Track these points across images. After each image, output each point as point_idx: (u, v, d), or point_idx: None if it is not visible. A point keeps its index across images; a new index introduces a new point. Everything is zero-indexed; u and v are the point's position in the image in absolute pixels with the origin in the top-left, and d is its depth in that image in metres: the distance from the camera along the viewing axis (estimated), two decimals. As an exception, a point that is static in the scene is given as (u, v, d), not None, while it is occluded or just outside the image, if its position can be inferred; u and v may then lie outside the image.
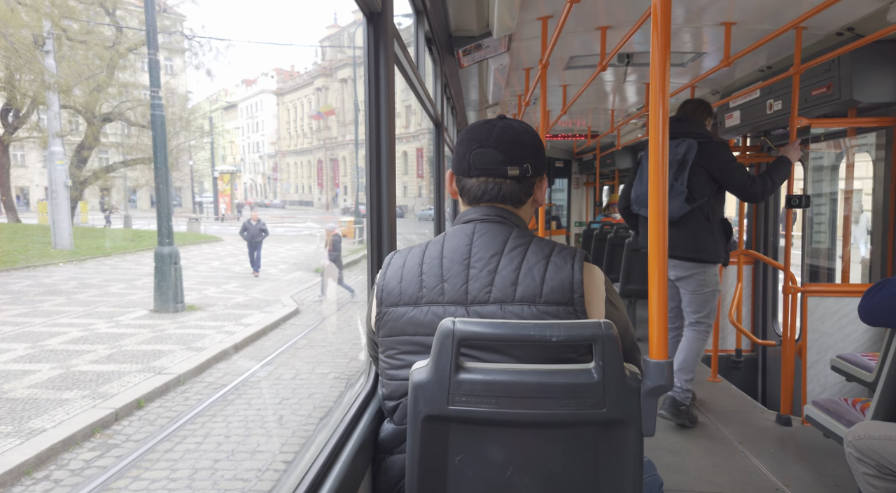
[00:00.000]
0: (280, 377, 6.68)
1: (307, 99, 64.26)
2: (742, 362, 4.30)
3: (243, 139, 78.59)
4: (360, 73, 53.73)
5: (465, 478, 1.02)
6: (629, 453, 0.98)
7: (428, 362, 0.98)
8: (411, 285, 1.11)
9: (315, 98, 61.86)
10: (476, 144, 1.16)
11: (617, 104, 5.77)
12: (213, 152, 40.09)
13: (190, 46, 47.01)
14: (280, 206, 57.84)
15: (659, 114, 0.93)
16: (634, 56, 3.70)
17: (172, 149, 39.15)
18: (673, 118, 2.99)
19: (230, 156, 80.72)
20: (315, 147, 62.15)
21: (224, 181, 40.59)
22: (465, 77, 4.37)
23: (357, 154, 52.27)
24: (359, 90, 54.67)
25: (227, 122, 79.63)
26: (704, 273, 2.92)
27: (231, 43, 52.42)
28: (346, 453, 1.09)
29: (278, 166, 71.74)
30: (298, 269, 15.25)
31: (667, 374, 0.95)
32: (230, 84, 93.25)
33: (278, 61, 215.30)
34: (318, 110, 58.04)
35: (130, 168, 31.95)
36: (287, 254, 18.66)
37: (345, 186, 57.75)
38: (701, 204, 2.85)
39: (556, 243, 1.10)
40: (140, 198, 45.97)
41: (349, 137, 55.53)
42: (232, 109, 79.19)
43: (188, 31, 42.52)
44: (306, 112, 63.27)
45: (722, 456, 2.70)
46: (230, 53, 44.13)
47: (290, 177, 69.51)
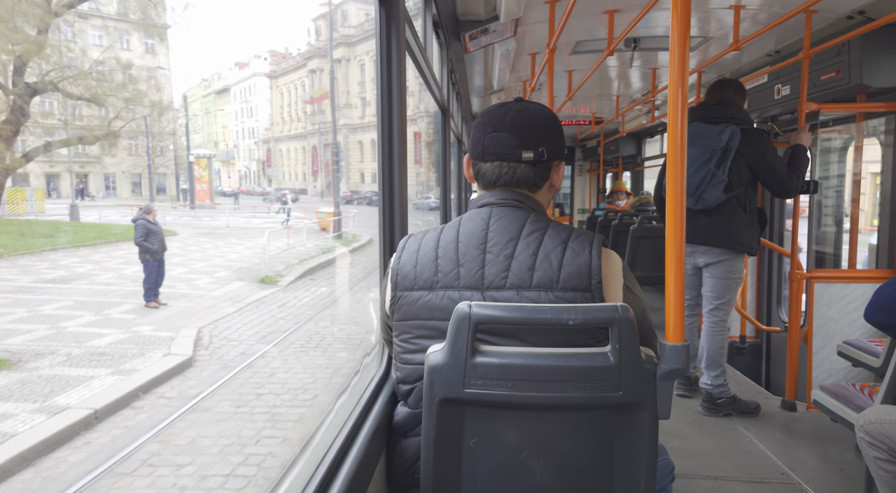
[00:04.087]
0: None
1: (301, 82, 62.47)
2: (746, 349, 4.31)
3: (237, 124, 76.42)
4: (353, 53, 52.02)
5: (480, 461, 1.03)
6: (644, 436, 0.99)
7: (444, 345, 0.99)
8: (426, 270, 1.11)
9: (309, 81, 60.11)
10: (490, 128, 1.15)
11: (622, 90, 5.73)
12: (187, 135, 38.04)
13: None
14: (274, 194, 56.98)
15: (678, 98, 0.92)
16: (641, 40, 3.66)
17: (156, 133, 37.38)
18: (713, 102, 2.90)
19: (223, 142, 78.81)
20: (309, 132, 60.60)
21: (201, 167, 38.24)
22: (470, 62, 4.34)
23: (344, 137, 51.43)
24: (353, 73, 53.16)
25: (221, 106, 77.81)
26: (734, 260, 2.88)
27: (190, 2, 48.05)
28: (362, 436, 1.10)
29: (272, 152, 69.92)
30: (240, 278, 11.71)
31: (683, 357, 0.96)
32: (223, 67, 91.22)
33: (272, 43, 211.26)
34: (311, 95, 55.97)
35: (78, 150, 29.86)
36: (239, 255, 14.86)
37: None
38: (738, 193, 2.79)
39: (574, 228, 1.10)
40: (119, 185, 43.44)
41: (344, 121, 54.23)
42: (225, 94, 77.10)
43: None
44: (300, 96, 61.40)
45: (727, 441, 2.72)
46: (189, 15, 41.02)
47: (285, 164, 67.73)
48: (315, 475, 0.95)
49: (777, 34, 3.38)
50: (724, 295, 2.93)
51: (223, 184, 73.41)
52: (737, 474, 2.42)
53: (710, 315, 2.98)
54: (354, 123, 55.31)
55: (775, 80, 3.53)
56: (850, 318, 3.11)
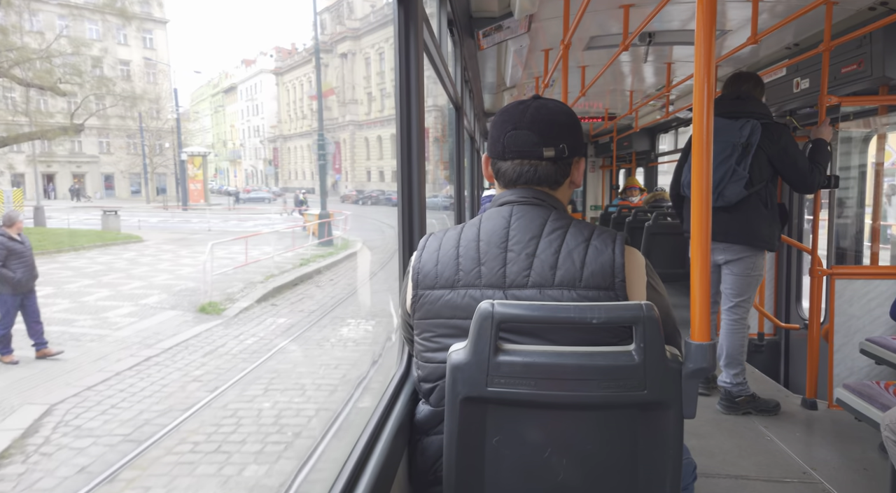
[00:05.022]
0: None
1: (307, 77, 60.66)
2: (765, 346, 4.26)
3: (243, 123, 75.42)
4: (359, 47, 50.97)
5: (502, 459, 1.02)
6: (669, 435, 0.98)
7: (466, 343, 0.98)
8: (448, 268, 1.11)
9: (315, 76, 59.23)
10: (510, 126, 1.14)
11: (635, 85, 5.68)
12: (178, 131, 35.70)
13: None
14: (279, 193, 54.79)
15: (703, 93, 0.91)
16: (656, 35, 3.63)
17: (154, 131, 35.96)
18: (731, 96, 2.86)
19: (231, 141, 78.17)
20: (315, 129, 59.76)
21: (195, 165, 36.05)
22: (483, 59, 4.32)
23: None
24: (359, 67, 51.96)
25: (228, 105, 77.14)
26: (755, 257, 2.84)
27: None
28: (385, 435, 1.11)
29: (279, 151, 68.57)
30: (175, 305, 9.29)
31: (709, 356, 0.95)
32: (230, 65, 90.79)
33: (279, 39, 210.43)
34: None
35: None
36: (196, 269, 11.44)
37: (345, 171, 55.12)
38: (758, 189, 2.75)
39: (596, 226, 1.09)
40: (118, 185, 42.24)
41: (349, 117, 53.22)
42: (232, 92, 76.46)
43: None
44: (306, 92, 59.91)
45: (747, 439, 2.69)
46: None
47: (291, 162, 66.51)
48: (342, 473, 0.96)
49: (796, 27, 3.32)
50: (744, 292, 2.89)
51: (231, 183, 73.52)
52: (757, 473, 2.39)
53: (730, 313, 2.94)
54: (360, 119, 53.85)
55: (794, 73, 3.47)
56: (873, 315, 3.06)
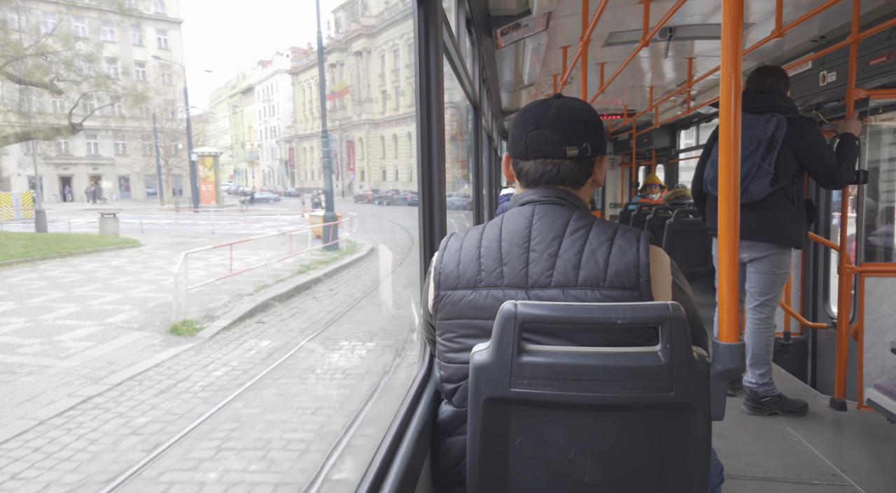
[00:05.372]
0: None
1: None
2: (791, 346, 4.17)
3: (261, 123, 75.51)
4: (374, 44, 50.24)
5: (526, 459, 1.02)
6: (697, 437, 0.97)
7: (489, 344, 0.98)
8: (469, 269, 1.10)
9: (330, 75, 57.67)
10: (532, 125, 1.14)
11: (655, 81, 5.60)
12: (189, 131, 35.05)
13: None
14: (295, 194, 54.32)
15: (731, 88, 0.89)
16: (677, 30, 3.58)
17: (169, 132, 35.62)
18: (755, 91, 2.80)
19: (249, 142, 78.45)
20: (330, 129, 58.39)
21: (206, 166, 35.02)
22: (500, 58, 4.31)
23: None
24: (374, 65, 51.08)
25: (245, 106, 77.45)
26: (781, 255, 2.78)
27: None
28: (409, 435, 1.11)
29: (295, 151, 68.19)
30: (145, 325, 8.08)
31: (738, 357, 0.93)
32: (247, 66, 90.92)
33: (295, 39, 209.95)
34: (332, 89, 53.88)
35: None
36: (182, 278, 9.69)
37: (361, 171, 54.36)
38: (784, 185, 2.69)
39: (620, 225, 1.08)
40: (133, 186, 42.63)
41: (365, 116, 52.56)
42: (249, 93, 76.83)
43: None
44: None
45: (773, 441, 2.64)
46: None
47: (307, 162, 66.09)
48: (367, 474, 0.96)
49: (822, 18, 3.25)
50: (770, 291, 2.84)
51: (248, 184, 74.10)
52: (785, 475, 2.35)
53: (756, 312, 2.89)
54: (376, 117, 53.11)
55: (820, 66, 3.39)
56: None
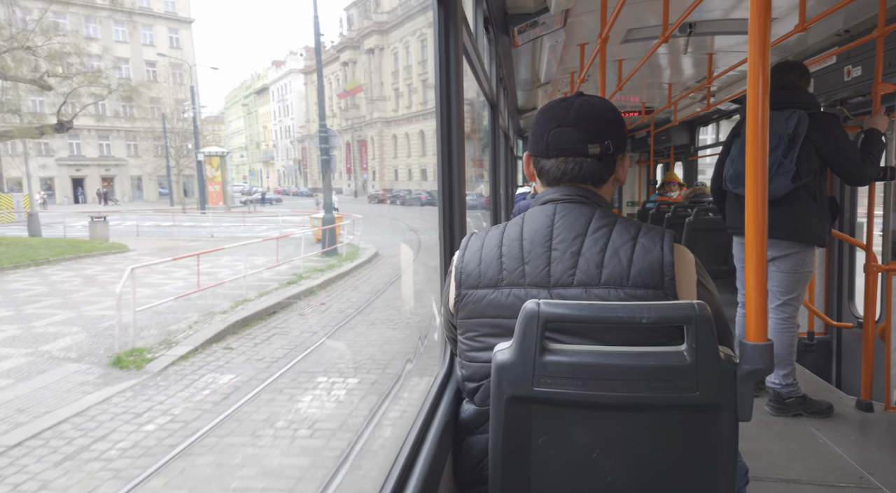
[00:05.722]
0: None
1: (334, 75, 59.74)
2: (815, 346, 4.10)
3: (275, 123, 75.25)
4: (386, 41, 49.71)
5: (549, 459, 1.02)
6: (723, 438, 0.96)
7: (511, 343, 0.98)
8: (491, 268, 1.11)
9: (342, 74, 57.45)
10: (554, 124, 1.13)
11: (674, 78, 5.54)
12: (196, 130, 34.04)
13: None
14: (308, 194, 53.27)
15: (759, 84, 0.88)
16: (697, 25, 3.53)
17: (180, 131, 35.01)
18: (776, 87, 2.74)
19: (264, 142, 78.30)
20: (343, 129, 57.52)
21: (213, 166, 33.92)
22: (517, 56, 4.30)
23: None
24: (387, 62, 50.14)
25: (260, 106, 77.38)
26: (804, 253, 2.73)
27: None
28: (431, 434, 1.11)
29: (308, 151, 66.99)
30: (85, 355, 6.70)
31: (766, 357, 0.92)
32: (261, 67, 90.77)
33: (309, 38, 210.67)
34: (344, 88, 53.69)
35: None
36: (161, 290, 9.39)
37: (373, 171, 53.29)
38: (806, 182, 2.64)
39: (643, 224, 1.07)
40: (146, 188, 42.42)
41: (377, 114, 51.80)
42: (264, 93, 76.81)
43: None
44: (334, 90, 58.47)
45: (798, 442, 2.60)
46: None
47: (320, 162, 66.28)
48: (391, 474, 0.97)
49: (846, 12, 3.18)
50: (793, 290, 2.79)
51: (263, 184, 74.52)
52: (810, 477, 2.31)
53: (778, 312, 2.84)
54: (389, 116, 52.18)
55: (845, 61, 3.33)
56: None
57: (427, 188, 42.23)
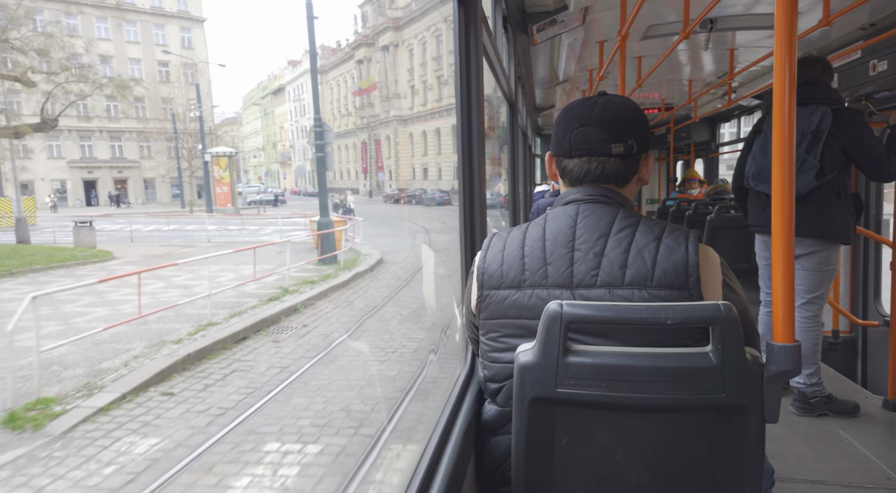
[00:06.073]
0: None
1: (349, 74, 59.17)
2: (839, 344, 4.02)
3: (292, 124, 74.78)
4: (401, 38, 49.06)
5: (572, 461, 1.02)
6: (749, 440, 0.95)
7: (534, 344, 0.98)
8: (513, 269, 1.11)
9: (357, 72, 56.62)
10: (577, 123, 1.13)
11: (694, 74, 5.47)
12: (202, 129, 33.07)
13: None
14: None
15: (785, 79, 0.87)
16: (719, 21, 3.48)
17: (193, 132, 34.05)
18: (799, 82, 2.72)
19: (280, 143, 78.13)
20: (358, 127, 57.25)
21: (221, 167, 32.89)
22: (535, 54, 4.28)
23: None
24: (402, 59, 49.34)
25: (276, 107, 77.26)
26: (828, 251, 2.69)
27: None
28: (455, 435, 1.12)
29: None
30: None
31: (794, 358, 0.91)
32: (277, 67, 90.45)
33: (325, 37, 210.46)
34: (359, 86, 52.54)
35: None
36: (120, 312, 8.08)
37: (389, 170, 52.64)
38: (830, 179, 2.60)
39: (667, 224, 1.07)
40: (159, 190, 42.16)
41: (393, 112, 51.13)
42: (280, 94, 76.57)
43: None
44: (350, 89, 57.62)
45: (823, 443, 2.56)
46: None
47: (336, 161, 64.73)
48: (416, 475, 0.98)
49: (872, 5, 3.11)
50: (817, 288, 2.75)
51: (280, 185, 74.80)
52: (836, 478, 2.27)
53: (803, 310, 2.80)
54: (404, 114, 51.25)
55: (870, 55, 3.26)
56: None
57: (443, 187, 41.50)
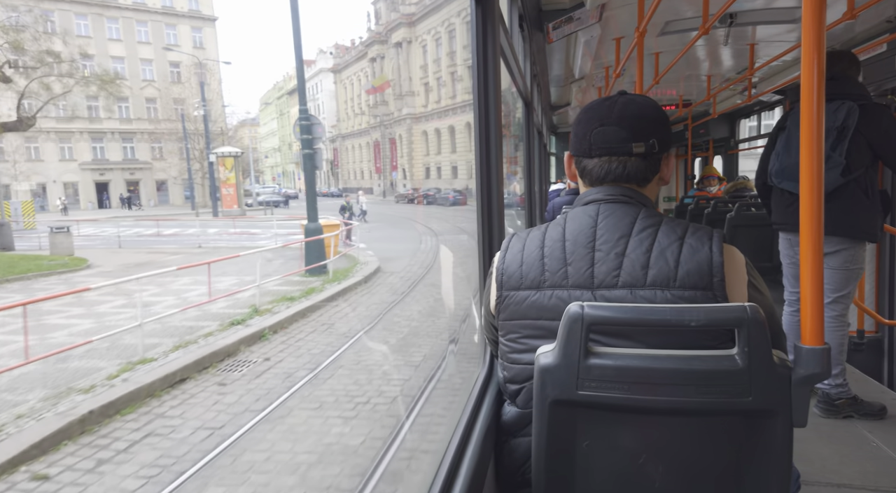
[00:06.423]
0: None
1: (363, 72, 58.36)
2: (866, 345, 3.93)
3: None
4: (414, 34, 48.36)
5: (594, 463, 1.01)
6: (776, 444, 0.93)
7: (554, 346, 0.97)
8: (533, 269, 1.10)
9: (370, 70, 55.84)
10: (597, 123, 1.12)
11: (713, 69, 5.39)
12: (206, 128, 31.86)
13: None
14: (337, 194, 49.79)
15: (813, 73, 0.85)
16: (738, 15, 3.43)
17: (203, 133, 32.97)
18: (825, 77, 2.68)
19: (295, 143, 79.39)
20: (371, 126, 56.52)
21: (226, 167, 31.22)
22: (550, 52, 4.25)
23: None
24: (415, 56, 48.38)
25: (292, 107, 75.78)
26: (854, 249, 2.64)
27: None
28: (475, 436, 1.12)
29: (339, 151, 66.43)
30: None
31: (823, 361, 0.89)
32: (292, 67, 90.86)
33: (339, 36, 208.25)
34: (372, 84, 51.98)
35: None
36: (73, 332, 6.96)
37: (403, 169, 51.65)
38: (857, 176, 2.54)
39: (690, 224, 1.05)
40: (171, 191, 41.64)
41: (406, 110, 50.37)
42: (295, 94, 75.93)
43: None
44: (363, 87, 56.94)
45: (849, 445, 2.51)
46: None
47: (350, 161, 64.53)
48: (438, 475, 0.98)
49: None
50: (843, 287, 2.69)
51: (296, 185, 75.10)
52: (863, 481, 2.22)
53: (828, 310, 2.73)
54: (418, 112, 50.39)
55: None
56: None
57: (457, 186, 41.13)
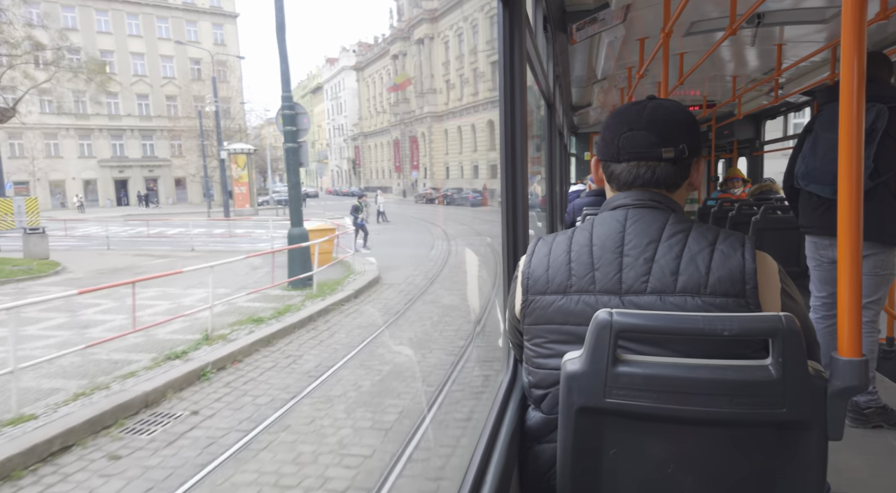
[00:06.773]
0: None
1: (385, 70, 57.66)
2: (895, 352, 3.83)
3: (329, 122, 74.28)
4: (436, 30, 47.38)
5: (621, 472, 1.00)
6: (811, 458, 0.91)
7: (581, 352, 0.96)
8: (559, 274, 1.09)
9: (393, 67, 55.20)
10: (626, 127, 1.11)
11: (738, 70, 5.30)
12: (218, 124, 30.73)
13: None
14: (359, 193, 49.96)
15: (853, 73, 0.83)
16: (766, 16, 3.37)
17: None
18: None
19: (318, 141, 77.20)
20: (392, 125, 55.69)
21: (239, 165, 29.88)
22: (573, 53, 4.22)
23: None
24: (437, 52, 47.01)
25: (315, 105, 76.76)
26: (885, 254, 2.58)
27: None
28: (500, 442, 1.11)
29: (361, 149, 65.81)
30: None
31: (861, 373, 0.87)
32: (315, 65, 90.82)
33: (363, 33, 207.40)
34: (394, 81, 51.17)
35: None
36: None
37: (425, 168, 50.56)
38: (886, 179, 2.49)
39: (721, 229, 1.03)
40: (190, 189, 41.38)
41: (427, 108, 49.36)
42: (318, 92, 76.21)
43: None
44: (386, 85, 55.85)
45: (879, 456, 2.44)
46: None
47: (372, 160, 64.04)
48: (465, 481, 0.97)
49: None
50: (873, 293, 2.62)
51: (318, 184, 74.91)
52: None
53: None
54: (439, 110, 49.23)
55: None
56: None
57: (477, 186, 40.37)
